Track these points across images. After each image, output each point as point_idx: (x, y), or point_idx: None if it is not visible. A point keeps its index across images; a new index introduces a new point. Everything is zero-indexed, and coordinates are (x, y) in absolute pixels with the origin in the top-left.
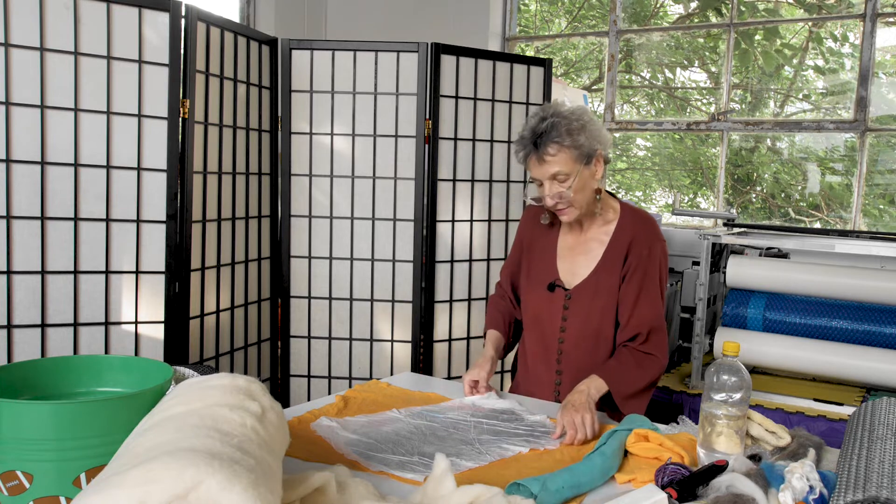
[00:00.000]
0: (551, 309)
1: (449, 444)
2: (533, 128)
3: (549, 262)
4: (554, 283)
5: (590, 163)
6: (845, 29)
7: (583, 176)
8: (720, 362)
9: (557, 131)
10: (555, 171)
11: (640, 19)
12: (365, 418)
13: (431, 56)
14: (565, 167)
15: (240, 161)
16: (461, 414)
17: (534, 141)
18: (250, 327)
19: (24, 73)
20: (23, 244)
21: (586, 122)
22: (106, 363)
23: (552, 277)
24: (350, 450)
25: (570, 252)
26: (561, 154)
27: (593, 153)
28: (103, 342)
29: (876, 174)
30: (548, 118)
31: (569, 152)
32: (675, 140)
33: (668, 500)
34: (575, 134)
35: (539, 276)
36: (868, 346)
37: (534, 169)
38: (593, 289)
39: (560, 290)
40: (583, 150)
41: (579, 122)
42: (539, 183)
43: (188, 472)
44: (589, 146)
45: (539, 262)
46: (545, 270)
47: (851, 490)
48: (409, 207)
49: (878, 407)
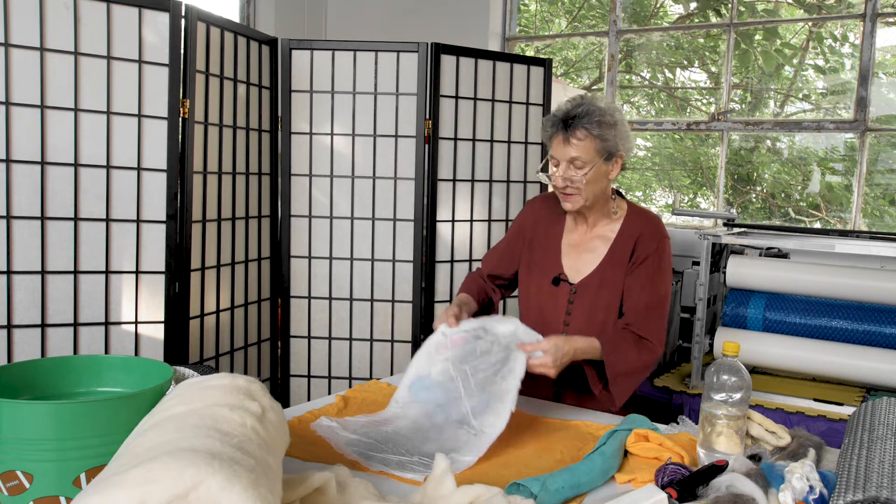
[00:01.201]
0: (555, 303)
1: (448, 437)
2: (567, 110)
3: (552, 256)
4: (559, 276)
5: (609, 160)
6: (845, 29)
7: (599, 169)
8: (720, 362)
9: (590, 119)
10: (576, 155)
11: (640, 19)
12: (365, 418)
13: (431, 56)
14: (586, 155)
15: (240, 161)
16: (443, 367)
17: (565, 121)
18: (250, 327)
19: (24, 73)
20: (23, 244)
21: (618, 120)
22: (106, 363)
23: (556, 271)
24: (350, 450)
25: (575, 249)
26: (587, 141)
27: (615, 152)
28: (103, 342)
29: (876, 174)
30: (584, 105)
31: (594, 142)
32: (675, 140)
33: (668, 500)
34: (605, 127)
35: (543, 269)
36: (868, 346)
37: (556, 148)
38: (598, 284)
39: (565, 285)
40: (607, 145)
41: (612, 119)
42: (556, 163)
43: (188, 472)
44: (614, 144)
45: (542, 254)
46: (549, 264)
47: (851, 490)
48: (409, 207)
49: (878, 407)
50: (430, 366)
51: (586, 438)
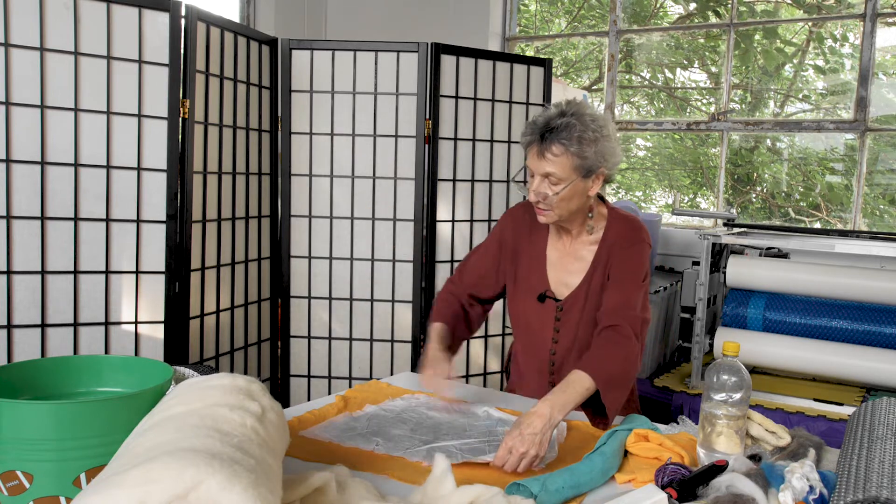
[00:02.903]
0: (542, 320)
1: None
2: (548, 119)
3: (538, 270)
4: (545, 294)
5: (588, 177)
6: (845, 29)
7: (576, 187)
8: (720, 362)
9: (569, 134)
10: (550, 170)
11: (640, 19)
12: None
13: (431, 56)
14: (561, 172)
15: (240, 161)
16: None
17: (542, 133)
18: (250, 327)
19: (24, 73)
20: (23, 244)
21: (602, 136)
22: (106, 363)
23: (543, 287)
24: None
25: (560, 261)
26: (563, 158)
27: (595, 169)
28: (103, 342)
29: (876, 174)
30: (566, 116)
31: (571, 159)
32: (675, 140)
33: (668, 500)
34: (585, 144)
35: (529, 285)
36: (868, 346)
37: (531, 160)
38: (584, 299)
39: (551, 302)
40: (585, 163)
41: (595, 134)
42: (531, 174)
43: (188, 472)
44: (594, 161)
45: (527, 269)
46: (535, 279)
47: (851, 490)
48: (409, 207)
49: (878, 407)
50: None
51: (586, 438)
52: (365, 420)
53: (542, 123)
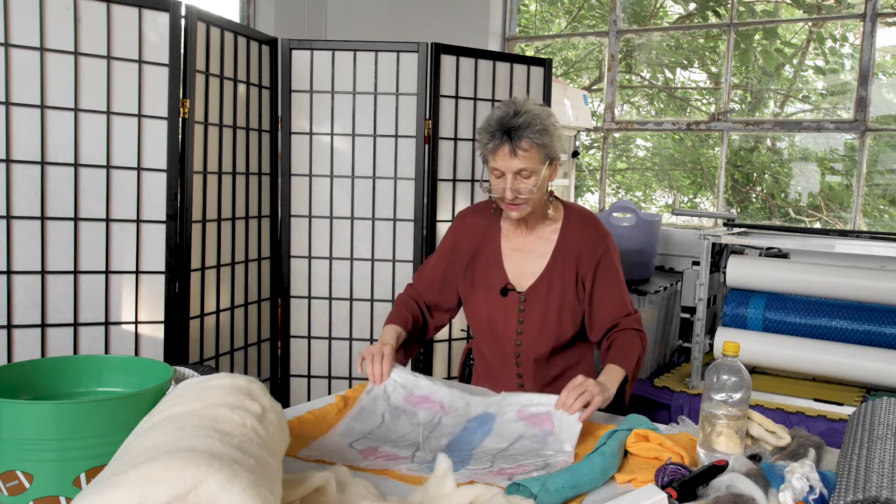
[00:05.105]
0: (506, 313)
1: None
2: (506, 119)
3: (495, 266)
4: (506, 287)
5: (550, 164)
6: (845, 29)
7: (543, 176)
8: (720, 362)
9: (532, 128)
10: (523, 166)
11: (640, 19)
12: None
13: (431, 56)
14: (532, 165)
15: (240, 161)
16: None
17: (508, 132)
18: (250, 327)
19: (24, 73)
20: (23, 244)
21: (553, 124)
22: (106, 363)
23: (502, 282)
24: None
25: (518, 252)
26: (532, 151)
27: (554, 156)
28: (103, 342)
29: (876, 174)
30: (522, 113)
31: (539, 151)
32: (675, 140)
33: (668, 500)
34: (546, 135)
35: (487, 282)
36: (868, 346)
37: (501, 160)
38: (546, 288)
39: (514, 294)
40: (549, 151)
41: (549, 123)
42: (499, 174)
43: (188, 473)
44: (553, 148)
45: (485, 267)
46: (493, 275)
47: (851, 490)
48: (409, 207)
49: (878, 407)
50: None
51: (586, 438)
52: (364, 441)
53: (505, 125)
